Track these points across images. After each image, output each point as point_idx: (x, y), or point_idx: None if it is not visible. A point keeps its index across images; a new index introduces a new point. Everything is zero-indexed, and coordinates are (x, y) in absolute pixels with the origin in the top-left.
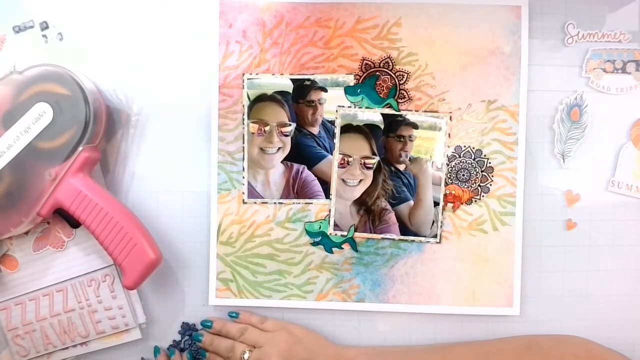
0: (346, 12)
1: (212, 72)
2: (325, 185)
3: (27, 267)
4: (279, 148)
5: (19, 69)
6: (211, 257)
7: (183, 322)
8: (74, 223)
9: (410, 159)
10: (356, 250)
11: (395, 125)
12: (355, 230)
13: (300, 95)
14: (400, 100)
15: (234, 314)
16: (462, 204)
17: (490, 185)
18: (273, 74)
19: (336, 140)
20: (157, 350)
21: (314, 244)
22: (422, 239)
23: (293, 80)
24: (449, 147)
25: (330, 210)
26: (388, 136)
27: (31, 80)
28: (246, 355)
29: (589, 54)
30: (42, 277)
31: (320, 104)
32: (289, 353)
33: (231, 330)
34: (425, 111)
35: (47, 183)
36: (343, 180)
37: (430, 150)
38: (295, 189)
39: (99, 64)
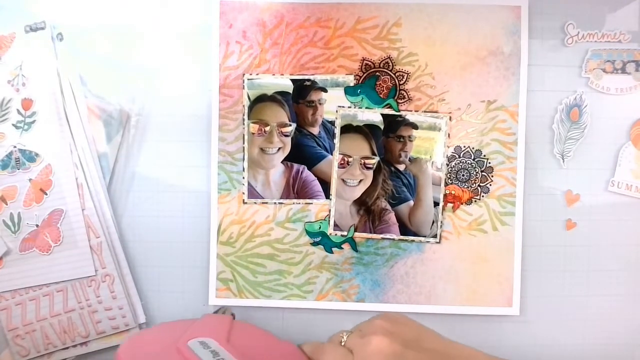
0: (346, 12)
1: (212, 73)
2: (325, 186)
3: (10, 266)
4: (279, 148)
5: None
6: (211, 257)
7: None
8: None
9: (410, 159)
10: (356, 250)
11: (395, 126)
12: (355, 230)
13: (301, 96)
14: (400, 101)
15: None
16: (462, 204)
17: (490, 185)
18: (273, 74)
19: (336, 141)
20: None
21: (314, 244)
22: (422, 239)
23: (293, 81)
24: (448, 147)
25: (330, 210)
26: (388, 136)
27: None
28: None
29: (588, 54)
30: (23, 277)
31: (320, 104)
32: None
33: None
34: (425, 111)
35: None
36: (343, 180)
37: (430, 150)
38: (295, 189)
39: (99, 64)
